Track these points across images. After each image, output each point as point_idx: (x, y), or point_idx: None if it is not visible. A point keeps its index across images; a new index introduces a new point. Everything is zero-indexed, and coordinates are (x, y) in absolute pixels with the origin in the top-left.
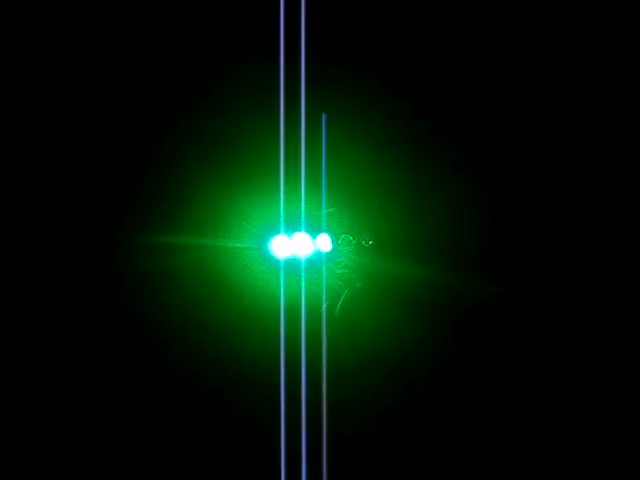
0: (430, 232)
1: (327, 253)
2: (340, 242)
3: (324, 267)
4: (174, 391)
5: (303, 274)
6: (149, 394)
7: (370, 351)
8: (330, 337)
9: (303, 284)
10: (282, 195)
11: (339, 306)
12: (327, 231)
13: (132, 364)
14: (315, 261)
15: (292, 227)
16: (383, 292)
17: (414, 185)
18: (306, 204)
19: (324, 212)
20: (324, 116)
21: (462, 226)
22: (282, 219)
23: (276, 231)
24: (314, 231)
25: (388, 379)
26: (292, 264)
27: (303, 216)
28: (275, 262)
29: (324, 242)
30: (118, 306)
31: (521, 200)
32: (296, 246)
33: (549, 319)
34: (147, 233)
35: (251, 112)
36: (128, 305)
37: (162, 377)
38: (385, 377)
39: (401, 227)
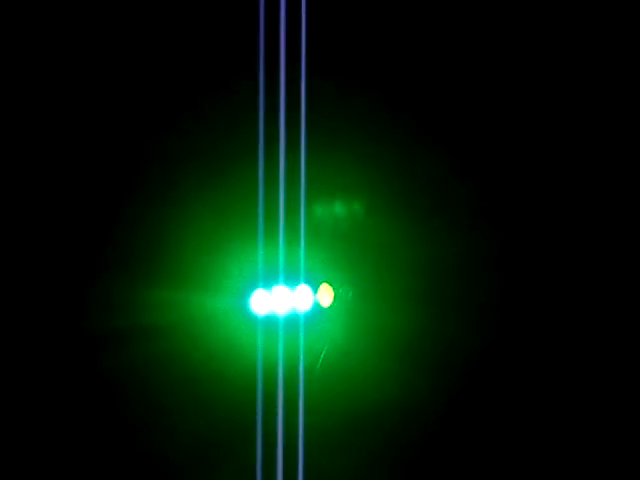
0: (428, 280)
1: (309, 307)
2: (335, 294)
3: (306, 322)
4: (148, 449)
5: (282, 331)
6: (125, 448)
7: (355, 405)
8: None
9: (281, 341)
10: (261, 248)
11: (320, 362)
12: (309, 283)
13: (107, 421)
14: (296, 317)
15: (272, 281)
16: (377, 342)
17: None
18: (286, 255)
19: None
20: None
21: (461, 274)
22: (261, 273)
23: (255, 286)
24: (295, 284)
25: (377, 432)
26: (271, 321)
27: (283, 269)
28: (254, 319)
29: (306, 295)
30: (94, 363)
31: (521, 249)
32: (277, 301)
33: (548, 366)
34: (125, 289)
35: (231, 162)
36: (101, 362)
37: (136, 439)
38: (373, 430)
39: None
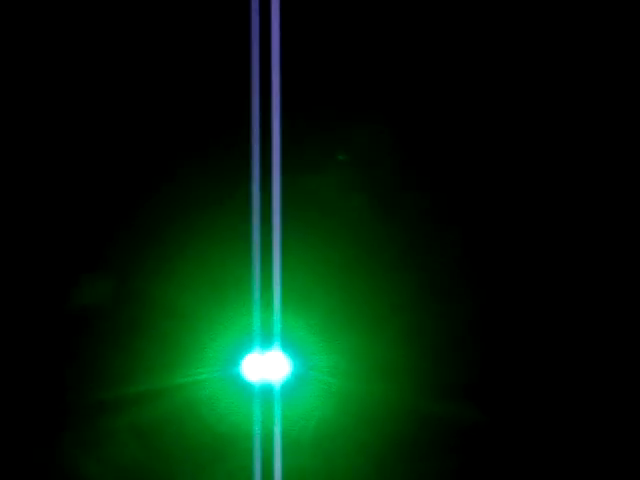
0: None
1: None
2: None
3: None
4: None
5: (278, 402)
6: None
7: None
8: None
9: (279, 414)
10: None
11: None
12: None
13: None
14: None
15: (265, 344)
16: (363, 423)
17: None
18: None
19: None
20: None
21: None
22: (254, 335)
23: (247, 350)
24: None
25: None
26: (266, 390)
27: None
28: (248, 388)
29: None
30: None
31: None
32: (270, 367)
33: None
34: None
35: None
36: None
37: None
38: None
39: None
